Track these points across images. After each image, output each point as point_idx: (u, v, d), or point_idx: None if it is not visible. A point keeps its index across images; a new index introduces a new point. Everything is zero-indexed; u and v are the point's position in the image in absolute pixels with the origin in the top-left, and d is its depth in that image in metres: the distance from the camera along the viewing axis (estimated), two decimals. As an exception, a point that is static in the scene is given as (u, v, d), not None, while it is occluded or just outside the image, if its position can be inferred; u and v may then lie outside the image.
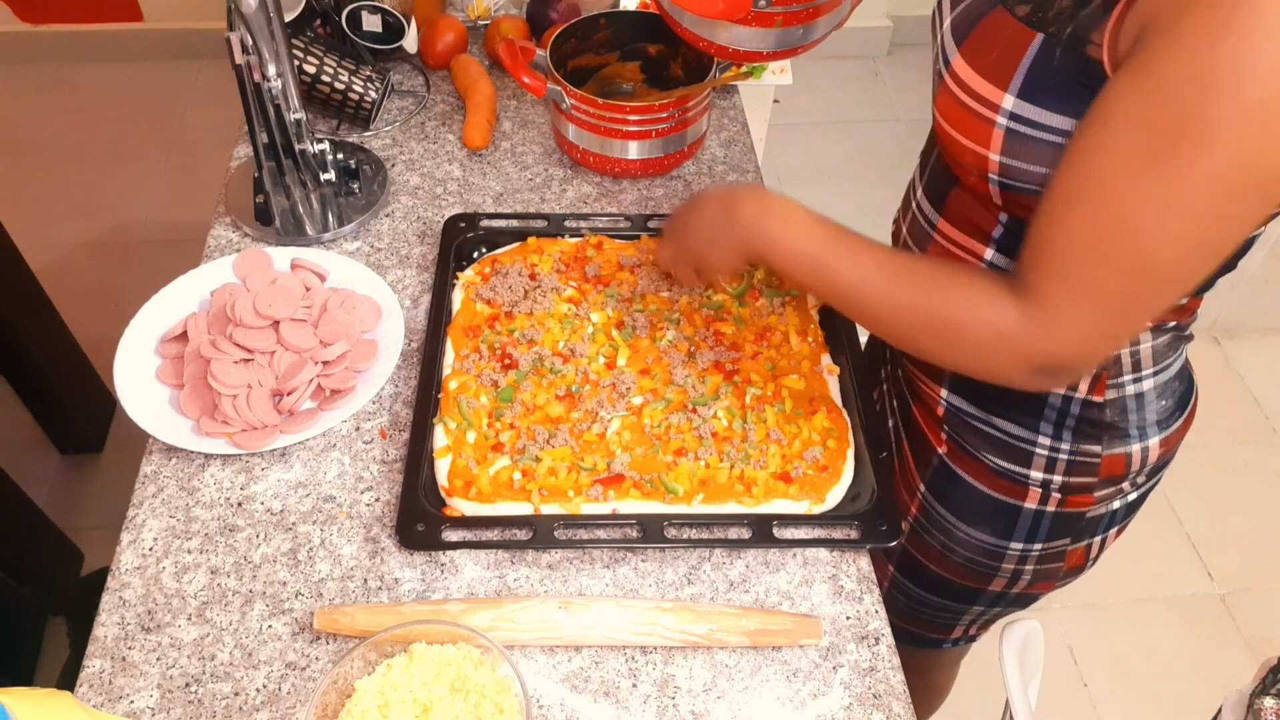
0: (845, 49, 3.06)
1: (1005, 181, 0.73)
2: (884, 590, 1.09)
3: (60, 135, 2.75)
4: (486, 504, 0.84)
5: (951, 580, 1.02)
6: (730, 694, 0.76)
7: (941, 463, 0.95)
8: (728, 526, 0.85)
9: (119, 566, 0.82)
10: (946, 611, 1.08)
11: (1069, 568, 0.99)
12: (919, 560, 1.03)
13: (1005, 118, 0.70)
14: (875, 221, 0.99)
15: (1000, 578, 0.99)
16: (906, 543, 1.03)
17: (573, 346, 0.96)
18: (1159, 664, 1.82)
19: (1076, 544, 0.96)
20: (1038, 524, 0.93)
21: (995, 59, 0.71)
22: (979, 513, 0.94)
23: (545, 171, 1.21)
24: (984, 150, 0.72)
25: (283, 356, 0.93)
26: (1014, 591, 1.01)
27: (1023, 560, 0.96)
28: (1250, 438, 2.19)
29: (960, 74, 0.73)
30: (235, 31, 0.98)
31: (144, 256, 2.42)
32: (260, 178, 1.12)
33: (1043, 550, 0.95)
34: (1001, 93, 0.70)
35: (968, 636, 1.15)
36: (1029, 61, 0.69)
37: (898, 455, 1.03)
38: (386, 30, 1.22)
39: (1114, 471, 0.88)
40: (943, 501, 0.97)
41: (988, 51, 0.72)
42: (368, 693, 0.68)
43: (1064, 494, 0.90)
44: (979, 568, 0.98)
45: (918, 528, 1.01)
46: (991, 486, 0.92)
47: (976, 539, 0.96)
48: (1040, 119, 0.68)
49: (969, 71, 0.72)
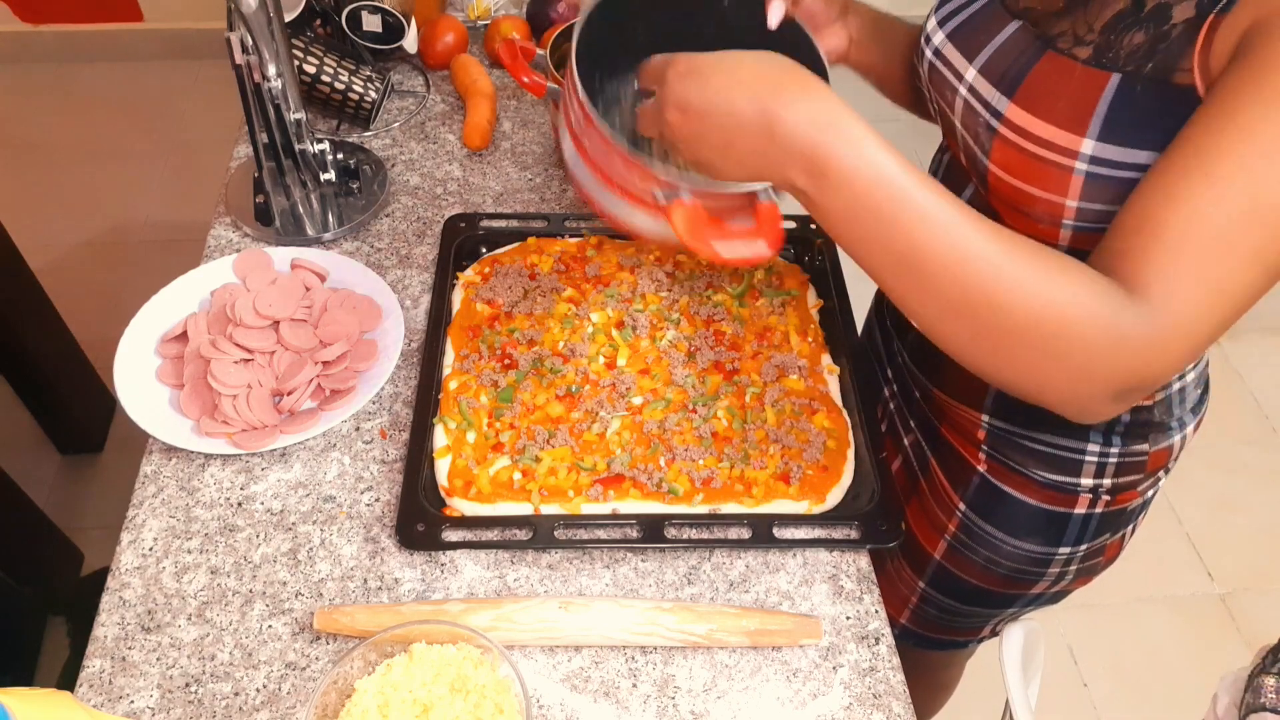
0: (845, 49, 3.05)
1: (1080, 225, 0.70)
2: (913, 606, 1.08)
3: (60, 135, 2.75)
4: (486, 504, 0.84)
5: (993, 591, 1.00)
6: (730, 694, 0.76)
7: (983, 481, 0.93)
8: (728, 526, 0.85)
9: (119, 566, 0.82)
10: (978, 617, 1.07)
11: (1108, 559, 0.99)
12: (956, 575, 1.01)
13: (1085, 162, 0.66)
14: (875, 222, 0.99)
15: (1045, 581, 0.97)
16: (943, 559, 1.01)
17: (573, 346, 0.96)
18: (1159, 664, 1.82)
19: (1114, 536, 0.96)
20: (1086, 526, 0.91)
21: (1065, 105, 0.67)
22: (1027, 525, 0.92)
23: (545, 171, 1.21)
24: (1060, 198, 0.69)
25: (283, 356, 0.93)
26: (1054, 590, 1.00)
27: (1069, 562, 0.95)
28: (1250, 438, 2.19)
29: (1021, 124, 0.69)
30: (235, 31, 0.98)
31: (144, 256, 2.42)
32: (260, 178, 1.12)
33: (1087, 549, 0.95)
34: (1079, 138, 0.66)
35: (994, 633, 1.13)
36: (1107, 104, 0.65)
37: (925, 475, 1.01)
38: (386, 30, 1.21)
39: (1159, 464, 0.88)
40: (987, 518, 0.94)
41: (1054, 98, 0.68)
42: (368, 693, 0.68)
43: (1113, 495, 0.89)
44: (1024, 576, 0.97)
45: (958, 545, 0.98)
46: (1039, 499, 0.90)
47: (1024, 550, 0.94)
48: (1124, 158, 0.65)
49: (1033, 120, 0.69)
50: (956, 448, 0.95)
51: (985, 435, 0.91)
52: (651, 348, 0.97)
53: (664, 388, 0.93)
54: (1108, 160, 0.66)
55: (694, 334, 0.98)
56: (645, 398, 0.92)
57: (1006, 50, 0.73)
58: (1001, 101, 0.71)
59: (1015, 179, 0.71)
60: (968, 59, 0.75)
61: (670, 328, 0.98)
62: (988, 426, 0.90)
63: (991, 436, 0.91)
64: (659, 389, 0.93)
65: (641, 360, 0.96)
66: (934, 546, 1.01)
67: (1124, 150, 0.65)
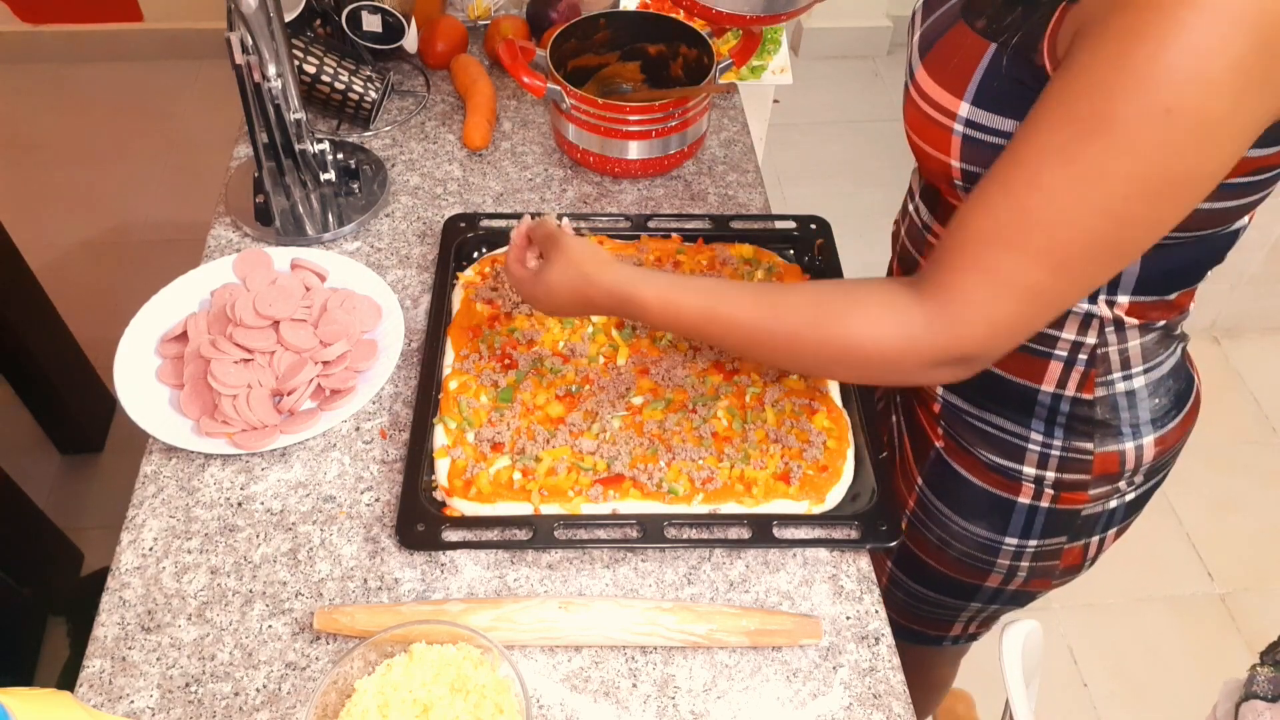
0: (845, 49, 3.06)
1: (966, 187, 0.76)
2: (883, 587, 1.09)
3: (60, 135, 2.75)
4: (486, 504, 0.84)
5: (949, 576, 1.02)
6: (730, 694, 0.76)
7: (938, 457, 0.96)
8: (728, 526, 0.85)
9: (119, 566, 0.82)
10: (944, 608, 1.09)
11: (1065, 566, 0.99)
12: (917, 556, 1.04)
13: (962, 125, 0.73)
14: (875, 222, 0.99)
15: (996, 573, 0.99)
16: (906, 538, 1.04)
17: (573, 346, 0.96)
18: (1159, 664, 1.82)
19: (1073, 543, 0.96)
20: (1032, 519, 0.93)
21: (952, 70, 0.73)
22: (974, 507, 0.95)
23: (545, 171, 1.21)
24: (945, 157, 0.75)
25: (283, 356, 0.93)
26: (1010, 588, 1.02)
27: (1018, 556, 0.97)
28: (1250, 438, 2.19)
29: (923, 85, 0.76)
30: (235, 31, 0.98)
31: (144, 256, 2.42)
32: (260, 178, 1.12)
33: (1038, 547, 0.96)
34: (958, 101, 0.72)
35: (968, 635, 1.15)
36: (982, 70, 0.71)
37: (898, 451, 1.04)
38: (386, 30, 1.21)
39: (1108, 469, 0.89)
40: (940, 496, 0.98)
41: (947, 63, 0.74)
42: (368, 693, 0.68)
43: (1057, 490, 0.90)
44: (975, 563, 0.99)
45: (915, 522, 1.02)
46: (986, 481, 0.93)
47: (972, 533, 0.96)
48: (992, 124, 0.71)
49: (930, 83, 0.75)
50: (922, 423, 0.98)
51: (940, 409, 0.94)
52: (652, 348, 0.97)
53: (664, 388, 0.93)
54: (979, 124, 0.72)
55: (694, 334, 0.98)
56: (645, 398, 0.92)
57: (939, 19, 0.78)
58: (917, 63, 0.78)
59: (918, 138, 0.78)
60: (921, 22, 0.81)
61: (670, 328, 0.98)
62: (942, 400, 0.93)
63: (946, 411, 0.94)
64: (659, 389, 0.93)
65: (641, 360, 0.96)
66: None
67: (992, 116, 0.71)
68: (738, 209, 1.17)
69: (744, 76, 1.65)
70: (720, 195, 1.19)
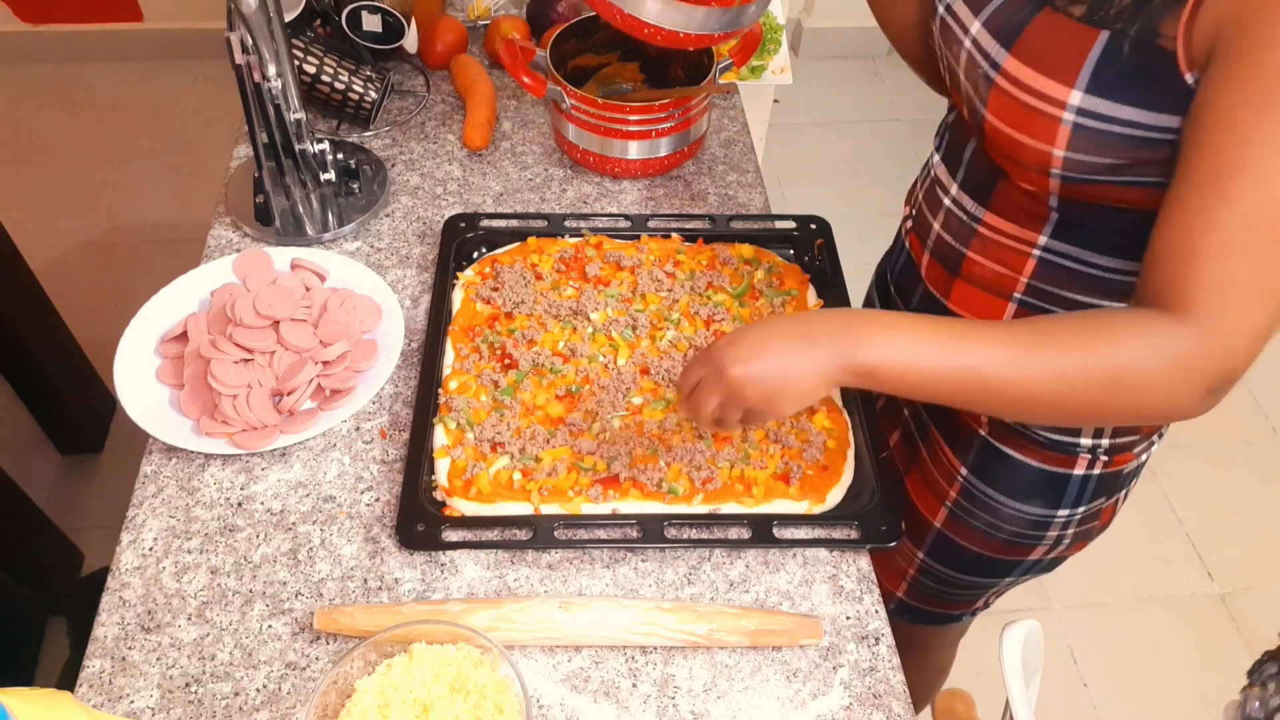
0: (845, 49, 3.05)
1: (1067, 175, 0.75)
2: (911, 578, 1.09)
3: (60, 135, 2.75)
4: (486, 504, 0.84)
5: (992, 557, 1.02)
6: (730, 694, 0.76)
7: (985, 444, 0.95)
8: (728, 526, 0.85)
9: (119, 566, 0.82)
10: (975, 588, 1.09)
11: (1102, 524, 1.00)
12: (956, 543, 1.03)
13: (1073, 113, 0.71)
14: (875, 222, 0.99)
15: (1043, 545, 0.99)
16: (944, 527, 1.03)
17: (573, 346, 0.96)
18: (1159, 664, 1.82)
19: (1109, 500, 0.97)
20: (1084, 488, 0.94)
21: (1054, 57, 0.72)
22: (1028, 487, 0.95)
23: (545, 171, 1.21)
24: (1048, 147, 0.74)
25: (283, 356, 0.93)
26: (1051, 557, 1.02)
27: (1066, 525, 0.97)
28: (1250, 438, 2.19)
29: (1016, 74, 0.74)
30: (235, 31, 0.98)
31: (144, 256, 2.42)
32: (260, 178, 1.12)
33: (1085, 511, 0.96)
34: (1068, 89, 0.71)
35: (985, 606, 1.15)
36: (1095, 58, 0.70)
37: (925, 443, 1.03)
38: (386, 30, 1.21)
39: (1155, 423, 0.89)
40: (989, 481, 0.97)
41: (1045, 50, 0.73)
42: (368, 693, 0.68)
43: (1110, 455, 0.91)
44: (1024, 540, 0.99)
45: (959, 512, 1.01)
46: (1039, 459, 0.93)
47: (1024, 513, 0.96)
48: (1110, 112, 0.70)
49: (1027, 71, 0.73)
50: (957, 413, 0.97)
51: None
52: (651, 348, 0.97)
53: (664, 388, 0.93)
54: (1094, 113, 0.71)
55: (694, 334, 0.98)
56: (645, 398, 0.92)
57: (1007, 6, 0.77)
58: (1000, 53, 0.76)
59: (1009, 128, 0.76)
60: (974, 13, 0.79)
61: (670, 328, 0.98)
62: None
63: None
64: (659, 389, 0.93)
65: (641, 360, 0.96)
66: (934, 515, 1.03)
67: (1109, 104, 0.70)
68: (738, 209, 1.17)
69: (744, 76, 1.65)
70: (720, 195, 1.19)
